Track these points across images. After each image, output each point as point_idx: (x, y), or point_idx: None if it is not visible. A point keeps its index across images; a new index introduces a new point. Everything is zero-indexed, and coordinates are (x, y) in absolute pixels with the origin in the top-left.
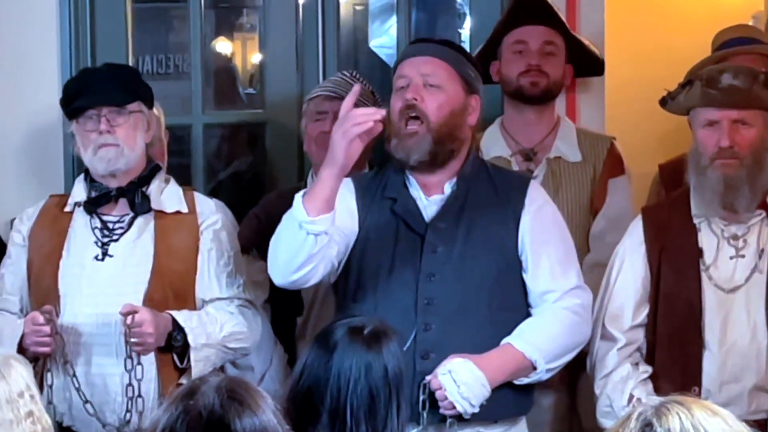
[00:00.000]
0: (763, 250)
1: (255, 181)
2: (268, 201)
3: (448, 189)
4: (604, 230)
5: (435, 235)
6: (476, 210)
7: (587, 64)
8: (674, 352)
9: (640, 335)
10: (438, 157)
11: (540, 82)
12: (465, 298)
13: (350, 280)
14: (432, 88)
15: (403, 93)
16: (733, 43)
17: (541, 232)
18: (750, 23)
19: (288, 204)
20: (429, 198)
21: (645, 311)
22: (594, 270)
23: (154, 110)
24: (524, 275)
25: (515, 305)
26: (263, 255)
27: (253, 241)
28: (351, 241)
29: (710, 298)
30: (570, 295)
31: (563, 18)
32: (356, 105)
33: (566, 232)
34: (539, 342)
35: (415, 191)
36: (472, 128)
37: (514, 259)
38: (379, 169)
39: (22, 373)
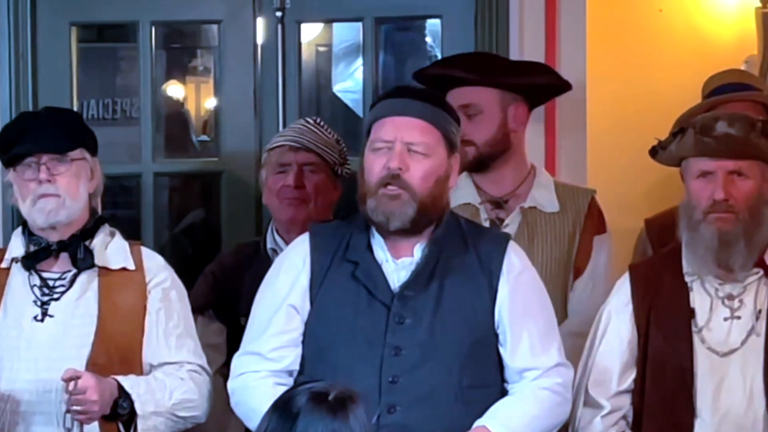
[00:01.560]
0: (760, 311)
1: (209, 235)
2: (224, 257)
3: (418, 252)
4: (588, 294)
5: (402, 305)
6: (448, 277)
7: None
8: (663, 420)
9: (626, 401)
10: (418, 225)
11: (467, 152)
12: (434, 376)
13: (306, 353)
14: (417, 155)
15: (383, 156)
16: (725, 89)
17: (521, 303)
18: (742, 68)
19: (245, 261)
20: (397, 261)
21: (632, 376)
22: (569, 339)
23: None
24: (501, 349)
25: (488, 381)
26: (219, 316)
27: (210, 300)
28: (305, 318)
29: (703, 362)
30: (551, 373)
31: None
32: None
33: (546, 300)
34: (516, 425)
35: (381, 253)
36: (450, 189)
37: (489, 331)
38: (341, 221)
39: None
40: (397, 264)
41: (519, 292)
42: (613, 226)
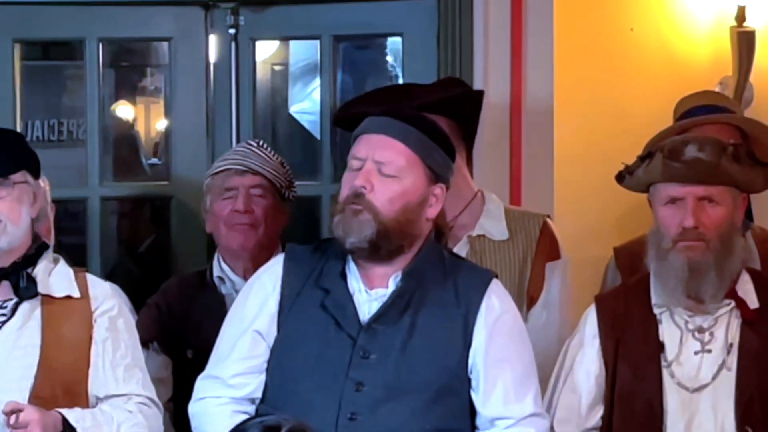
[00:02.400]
0: (731, 345)
1: (159, 262)
2: (168, 288)
3: (392, 284)
4: (542, 324)
5: (369, 338)
6: (422, 313)
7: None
8: None
9: None
10: (380, 250)
11: None
12: (395, 416)
13: (270, 381)
14: (386, 176)
15: (353, 175)
16: (698, 111)
17: (498, 349)
18: (716, 89)
19: (190, 291)
20: (370, 291)
21: (600, 412)
22: None
23: (40, 181)
24: (473, 394)
25: (455, 426)
26: (165, 348)
27: (154, 332)
28: (271, 344)
29: (673, 398)
30: (524, 423)
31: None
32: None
33: (526, 346)
34: None
35: (355, 282)
36: (431, 220)
37: (460, 375)
38: (319, 245)
39: None
40: (370, 295)
41: (496, 338)
42: (581, 254)
